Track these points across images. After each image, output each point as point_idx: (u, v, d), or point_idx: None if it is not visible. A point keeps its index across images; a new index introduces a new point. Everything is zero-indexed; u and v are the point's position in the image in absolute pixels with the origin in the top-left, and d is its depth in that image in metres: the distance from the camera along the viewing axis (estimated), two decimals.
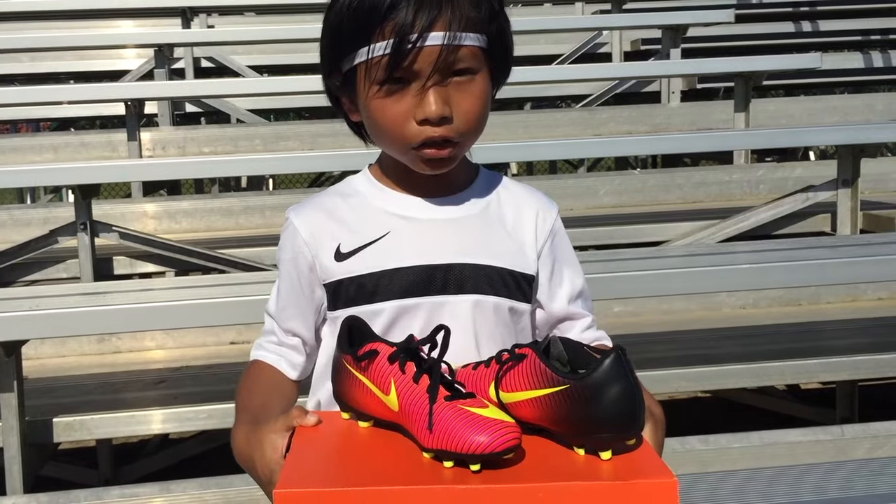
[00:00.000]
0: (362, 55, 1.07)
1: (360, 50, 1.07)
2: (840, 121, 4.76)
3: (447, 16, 1.05)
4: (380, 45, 1.05)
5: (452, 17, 1.06)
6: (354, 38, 1.08)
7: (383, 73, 1.06)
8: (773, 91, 6.60)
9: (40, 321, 2.26)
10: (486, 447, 0.89)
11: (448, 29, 1.05)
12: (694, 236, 3.55)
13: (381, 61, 1.06)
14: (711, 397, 3.50)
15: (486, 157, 3.23)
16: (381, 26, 1.05)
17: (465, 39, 1.07)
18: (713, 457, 2.38)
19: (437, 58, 1.05)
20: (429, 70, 1.06)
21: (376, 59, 1.06)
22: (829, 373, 2.82)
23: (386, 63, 1.06)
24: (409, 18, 1.04)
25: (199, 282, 2.86)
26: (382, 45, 1.05)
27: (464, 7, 1.07)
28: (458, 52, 1.06)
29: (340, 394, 1.07)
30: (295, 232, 1.17)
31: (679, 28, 5.07)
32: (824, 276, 2.67)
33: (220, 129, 4.87)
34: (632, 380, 0.92)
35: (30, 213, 3.97)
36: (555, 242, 1.20)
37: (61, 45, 5.30)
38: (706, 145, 4.10)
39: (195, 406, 2.52)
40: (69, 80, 6.07)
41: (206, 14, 5.74)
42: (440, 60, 1.06)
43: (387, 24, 1.05)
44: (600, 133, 4.72)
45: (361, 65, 1.08)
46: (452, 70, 1.07)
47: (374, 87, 1.08)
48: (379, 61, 1.06)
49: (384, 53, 1.05)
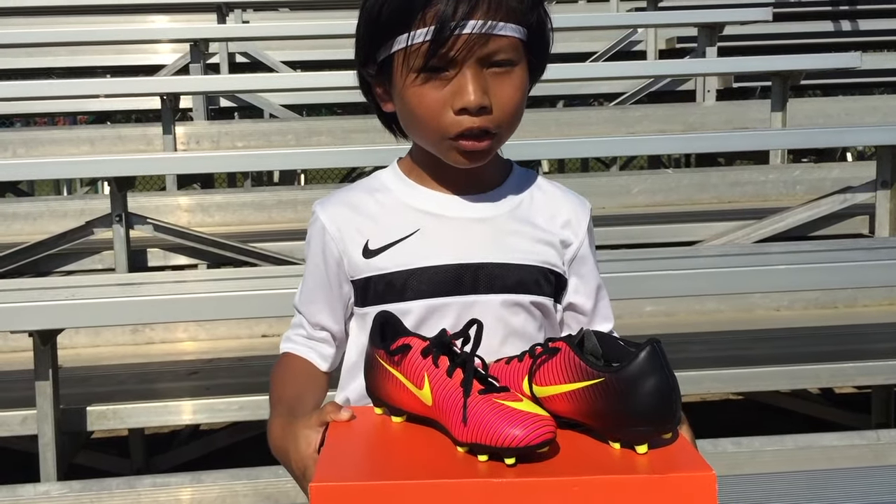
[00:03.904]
0: (401, 42, 1.06)
1: (400, 37, 1.06)
2: (879, 121, 4.67)
3: (489, 5, 1.04)
4: (420, 31, 1.05)
5: (494, 7, 1.05)
6: (394, 25, 1.07)
7: (422, 60, 1.05)
8: (810, 91, 6.51)
9: (76, 311, 2.29)
10: (521, 440, 0.88)
11: (489, 18, 1.04)
12: (728, 236, 3.51)
13: (421, 48, 1.05)
14: (744, 399, 3.46)
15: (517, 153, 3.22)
16: (422, 13, 1.04)
17: (506, 29, 1.06)
18: (745, 459, 2.35)
19: (477, 46, 1.04)
20: (468, 58, 1.05)
21: (415, 47, 1.05)
22: (865, 377, 2.77)
23: (425, 50, 1.05)
24: (451, 6, 1.03)
25: (230, 274, 2.88)
26: (423, 32, 1.04)
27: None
28: (498, 41, 1.05)
29: (373, 389, 1.07)
30: (322, 227, 1.16)
31: (715, 26, 5.01)
32: (861, 278, 2.62)
33: (253, 124, 4.89)
34: (668, 373, 0.92)
35: (66, 204, 4.03)
36: (589, 243, 1.20)
37: (99, 39, 5.36)
38: (741, 144, 4.05)
39: (226, 398, 2.53)
40: (106, 74, 6.14)
41: (241, 10, 5.78)
42: (480, 49, 1.05)
43: (428, 12, 1.04)
44: (634, 131, 4.68)
45: (399, 52, 1.07)
46: (492, 60, 1.06)
47: (412, 75, 1.07)
48: (418, 48, 1.05)
49: (424, 40, 1.04)
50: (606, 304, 1.23)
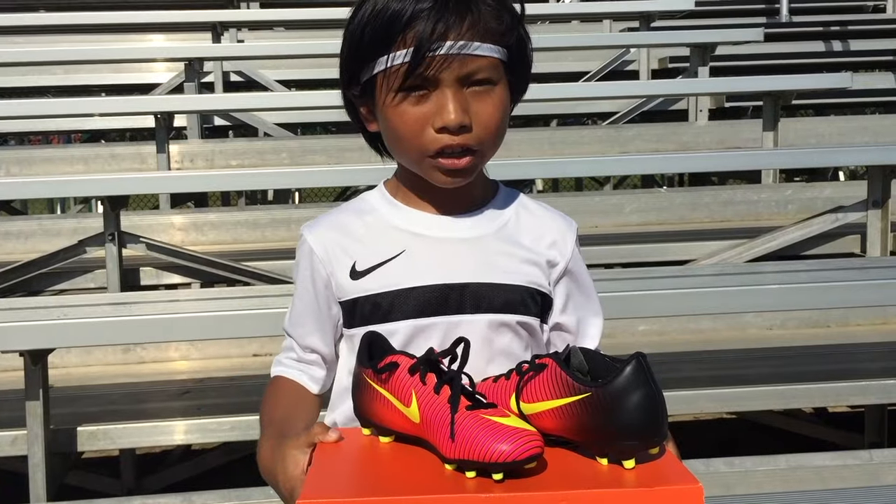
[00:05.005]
0: (382, 63, 1.08)
1: (381, 58, 1.08)
2: (870, 141, 4.70)
3: (467, 25, 1.06)
4: (400, 53, 1.06)
5: (473, 27, 1.06)
6: (375, 46, 1.08)
7: (402, 80, 1.07)
8: (802, 110, 6.55)
9: (67, 331, 2.29)
10: (509, 455, 0.88)
11: (467, 38, 1.06)
12: (721, 256, 3.51)
13: (401, 69, 1.06)
14: (737, 418, 3.46)
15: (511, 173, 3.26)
16: (402, 35, 1.06)
17: (484, 49, 1.07)
18: (738, 479, 2.35)
19: (456, 66, 1.06)
20: (447, 78, 1.06)
21: (396, 67, 1.07)
22: (857, 396, 2.77)
23: (405, 71, 1.06)
24: (430, 27, 1.04)
25: (223, 294, 2.88)
26: (403, 54, 1.06)
27: (485, 17, 1.07)
28: (476, 61, 1.07)
29: (361, 409, 1.07)
30: (310, 249, 1.17)
31: (707, 46, 5.05)
32: (854, 297, 2.63)
33: (247, 143, 4.90)
34: (654, 387, 0.92)
35: (59, 223, 4.02)
36: (574, 262, 1.20)
37: (94, 58, 5.37)
38: (734, 164, 4.07)
39: (218, 417, 2.53)
40: (101, 92, 6.15)
41: (235, 29, 5.80)
42: (459, 68, 1.06)
43: (408, 33, 1.05)
44: (627, 151, 4.70)
45: (381, 73, 1.09)
46: (471, 80, 1.07)
47: (393, 94, 1.08)
48: (398, 69, 1.06)
49: (404, 62, 1.06)
50: (595, 323, 1.22)
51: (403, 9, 1.05)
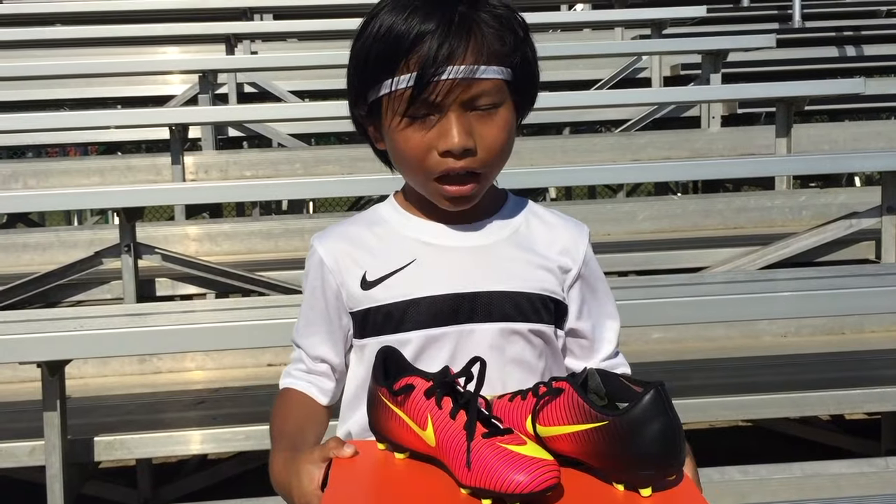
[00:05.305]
0: (387, 87, 1.08)
1: (385, 81, 1.08)
2: (885, 146, 4.68)
3: (471, 48, 1.06)
4: (403, 77, 1.06)
5: (476, 50, 1.06)
6: (379, 69, 1.09)
7: (406, 105, 1.07)
8: (816, 116, 6.52)
9: (84, 342, 2.31)
10: (526, 486, 0.88)
11: (472, 62, 1.06)
12: (734, 263, 3.50)
13: (405, 94, 1.07)
14: (751, 426, 3.44)
15: (524, 181, 3.26)
16: (405, 58, 1.06)
17: (488, 72, 1.07)
18: (752, 488, 2.33)
19: (460, 90, 1.06)
20: (451, 102, 1.06)
21: (400, 91, 1.07)
22: (873, 403, 2.75)
23: (409, 95, 1.06)
24: (433, 51, 1.05)
25: (238, 304, 2.89)
26: (406, 78, 1.06)
27: (489, 39, 1.07)
28: (480, 85, 1.07)
29: (376, 425, 1.06)
30: (320, 260, 1.17)
31: (719, 53, 5.04)
32: (868, 304, 2.62)
33: (261, 154, 4.93)
34: (672, 415, 0.91)
35: (76, 234, 4.05)
36: (587, 267, 1.20)
37: (109, 71, 5.42)
38: (747, 171, 4.05)
39: (234, 427, 2.54)
40: (116, 105, 6.21)
41: (249, 41, 5.84)
42: (463, 93, 1.06)
43: (411, 57, 1.06)
44: (639, 158, 4.69)
45: (386, 96, 1.09)
46: (475, 104, 1.08)
47: (398, 118, 1.09)
48: (402, 93, 1.07)
49: (407, 86, 1.06)
50: (612, 327, 1.22)
51: (408, 30, 1.05)
